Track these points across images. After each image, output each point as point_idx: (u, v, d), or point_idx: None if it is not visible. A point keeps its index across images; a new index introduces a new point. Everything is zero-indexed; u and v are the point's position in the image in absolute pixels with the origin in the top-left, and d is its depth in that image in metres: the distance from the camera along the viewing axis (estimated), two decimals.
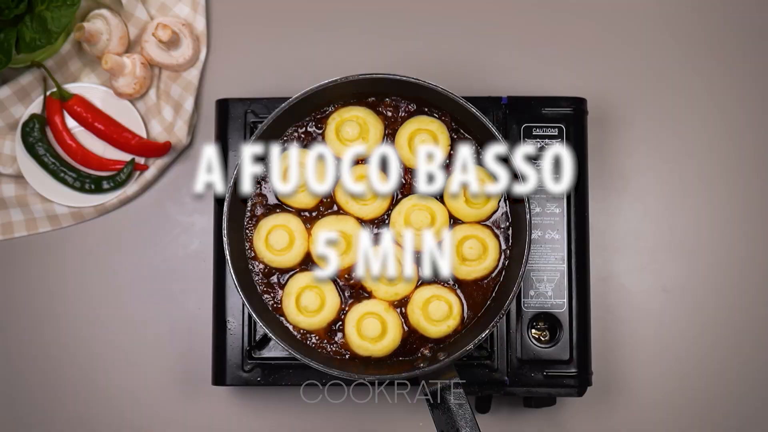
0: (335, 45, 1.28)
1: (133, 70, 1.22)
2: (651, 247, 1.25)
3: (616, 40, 1.28)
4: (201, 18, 1.27)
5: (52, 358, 1.24)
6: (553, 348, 1.11)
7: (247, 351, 1.11)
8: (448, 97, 1.04)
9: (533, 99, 1.14)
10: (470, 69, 1.27)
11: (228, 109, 1.15)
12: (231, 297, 1.13)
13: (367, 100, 1.10)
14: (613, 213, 1.25)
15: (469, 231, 1.07)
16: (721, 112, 1.27)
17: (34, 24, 1.19)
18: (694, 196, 1.26)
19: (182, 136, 1.25)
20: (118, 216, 1.26)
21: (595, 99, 1.22)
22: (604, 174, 1.25)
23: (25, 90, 1.24)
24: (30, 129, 1.23)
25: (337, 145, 1.09)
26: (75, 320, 1.25)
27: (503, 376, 1.11)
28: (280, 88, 1.23)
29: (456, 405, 1.00)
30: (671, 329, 1.24)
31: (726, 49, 1.28)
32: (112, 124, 1.24)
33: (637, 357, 1.23)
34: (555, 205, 1.13)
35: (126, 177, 1.23)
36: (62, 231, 1.26)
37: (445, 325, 1.06)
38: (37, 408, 1.24)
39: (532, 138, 1.14)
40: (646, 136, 1.26)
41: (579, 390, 1.11)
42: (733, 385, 1.23)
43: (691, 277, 1.24)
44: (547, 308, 1.12)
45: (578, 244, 1.13)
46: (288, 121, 1.09)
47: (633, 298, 1.24)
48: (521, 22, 1.28)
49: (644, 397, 1.23)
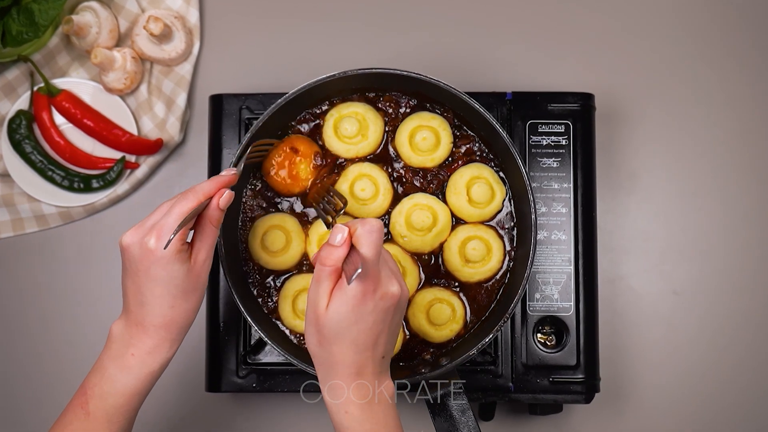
0: (334, 38, 1.28)
1: (123, 64, 1.22)
2: (661, 249, 1.25)
3: (625, 33, 1.28)
4: (194, 10, 1.27)
5: (41, 362, 1.24)
6: (560, 353, 1.11)
7: (242, 356, 1.12)
8: (450, 92, 1.04)
9: (539, 94, 1.14)
10: (473, 63, 1.27)
11: (222, 105, 1.15)
12: (225, 300, 1.13)
13: (367, 96, 1.10)
14: (622, 213, 1.25)
15: (472, 231, 1.07)
16: (735, 107, 1.27)
17: (20, 17, 1.19)
18: (705, 195, 1.26)
19: (174, 133, 1.24)
20: (108, 216, 1.26)
21: (603, 94, 1.22)
22: (613, 172, 1.25)
23: (12, 85, 1.24)
24: (16, 126, 1.23)
25: (336, 143, 1.09)
26: (64, 324, 1.25)
27: (508, 382, 1.11)
28: (277, 84, 1.23)
29: (459, 412, 1.00)
30: (682, 333, 1.24)
31: (739, 41, 1.28)
32: (102, 120, 1.24)
33: (646, 362, 1.23)
34: (561, 205, 1.13)
35: (116, 175, 1.23)
36: (50, 231, 1.26)
37: (448, 329, 1.06)
38: (23, 411, 1.23)
39: (537, 135, 1.13)
40: (656, 133, 1.26)
41: (586, 396, 1.11)
42: (746, 392, 1.23)
43: (703, 279, 1.24)
44: (553, 312, 1.11)
45: (585, 245, 1.12)
46: (284, 117, 1.08)
47: (642, 301, 1.24)
48: (526, 15, 1.28)
49: (654, 403, 1.22)
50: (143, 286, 0.90)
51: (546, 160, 1.13)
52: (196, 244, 0.92)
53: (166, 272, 0.89)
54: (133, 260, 0.90)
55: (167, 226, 0.88)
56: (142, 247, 0.89)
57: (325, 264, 0.86)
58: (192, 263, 0.91)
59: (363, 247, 0.84)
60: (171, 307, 0.91)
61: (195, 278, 0.92)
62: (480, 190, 1.06)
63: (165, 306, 0.91)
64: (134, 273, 0.90)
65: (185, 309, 0.92)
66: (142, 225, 0.90)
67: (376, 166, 1.08)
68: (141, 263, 0.89)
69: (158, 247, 0.88)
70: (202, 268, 0.92)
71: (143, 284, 0.90)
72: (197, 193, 0.91)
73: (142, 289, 0.90)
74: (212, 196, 0.91)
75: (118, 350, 0.93)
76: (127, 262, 0.91)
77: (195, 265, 0.91)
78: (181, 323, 0.93)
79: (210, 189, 0.91)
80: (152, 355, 0.92)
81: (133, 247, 0.89)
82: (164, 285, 0.90)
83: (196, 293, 0.93)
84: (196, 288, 0.92)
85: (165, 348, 0.93)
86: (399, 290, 0.87)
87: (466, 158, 1.09)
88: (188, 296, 0.92)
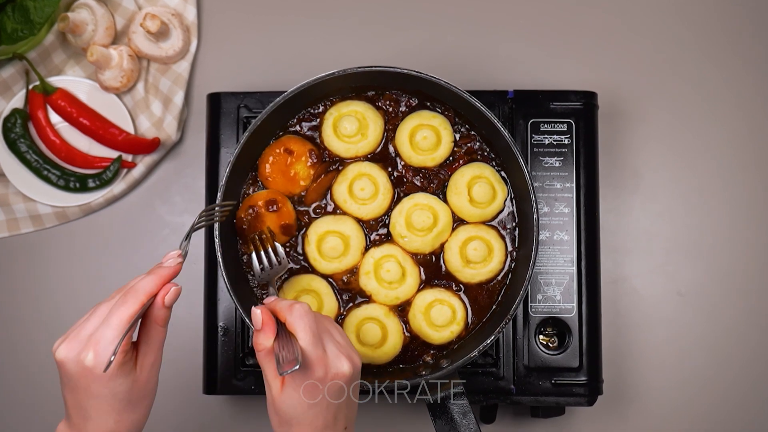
0: (333, 36, 1.27)
1: (120, 62, 1.22)
2: (665, 249, 1.24)
3: (629, 31, 1.28)
4: (191, 8, 1.26)
5: (37, 364, 1.23)
6: (562, 355, 1.10)
7: (240, 358, 1.11)
8: (451, 90, 1.04)
9: (541, 93, 1.14)
10: (474, 61, 1.26)
11: (220, 103, 1.15)
12: (223, 301, 1.12)
13: (367, 94, 1.10)
14: (625, 213, 1.24)
15: (473, 232, 1.07)
16: (739, 106, 1.26)
17: (15, 14, 1.19)
18: (710, 194, 1.25)
19: (172, 132, 1.23)
20: (105, 216, 1.26)
21: (606, 93, 1.22)
22: (616, 172, 1.25)
23: (7, 83, 1.23)
24: (12, 124, 1.22)
25: (335, 142, 1.09)
26: (60, 325, 1.20)
27: (509, 384, 1.10)
28: (275, 82, 1.23)
29: (460, 414, 1.00)
30: (686, 335, 1.23)
31: (744, 39, 1.27)
32: (98, 119, 1.23)
33: (649, 364, 1.22)
34: (564, 205, 1.12)
35: (112, 175, 1.23)
36: (46, 232, 1.25)
37: (449, 331, 1.06)
38: (19, 413, 1.23)
39: (539, 134, 1.13)
40: (660, 132, 1.26)
41: (589, 399, 1.11)
42: (751, 395, 1.22)
43: (708, 280, 1.24)
44: (555, 313, 1.11)
45: (588, 245, 1.12)
46: (283, 116, 1.08)
47: (645, 302, 1.23)
48: (528, 12, 1.28)
49: (657, 406, 1.22)
50: (84, 402, 0.82)
51: (548, 160, 1.13)
52: (141, 348, 0.84)
53: (108, 389, 0.81)
54: (69, 377, 0.81)
55: (105, 340, 0.79)
56: (79, 364, 0.80)
57: (258, 349, 0.83)
58: (138, 372, 0.83)
59: (298, 334, 0.81)
60: (117, 422, 0.83)
61: (142, 387, 0.84)
62: (481, 190, 1.06)
63: (111, 421, 0.83)
64: (73, 389, 0.82)
65: (132, 420, 0.84)
66: (77, 336, 0.81)
67: (375, 165, 1.08)
68: (79, 381, 0.81)
69: (96, 365, 0.79)
70: (150, 372, 0.84)
71: (83, 401, 0.82)
72: (138, 294, 0.81)
73: (84, 404, 0.82)
74: (155, 294, 0.82)
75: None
76: (64, 377, 0.82)
77: (142, 373, 0.83)
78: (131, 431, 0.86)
79: (152, 288, 0.82)
80: None
81: (69, 363, 0.80)
82: (107, 402, 0.82)
83: (145, 401, 0.85)
84: (145, 396, 0.84)
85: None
86: (350, 367, 0.83)
87: (467, 157, 1.09)
88: (135, 407, 0.84)
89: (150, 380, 0.84)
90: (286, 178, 1.07)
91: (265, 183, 1.08)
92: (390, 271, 1.05)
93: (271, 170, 1.07)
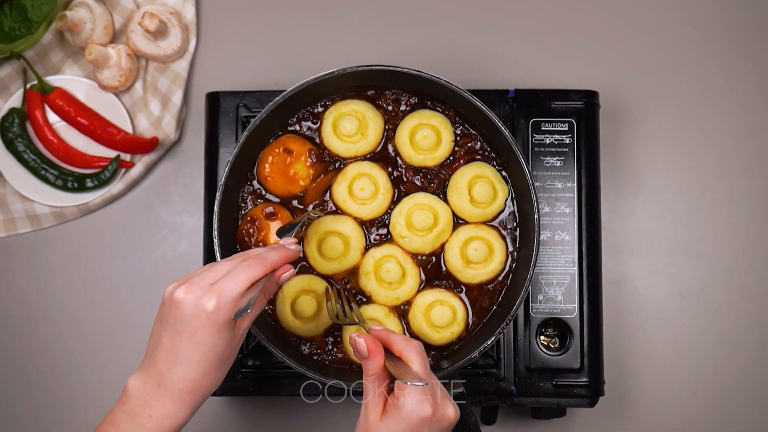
0: (333, 35, 1.27)
1: (118, 61, 1.21)
2: (667, 249, 1.24)
3: (630, 30, 1.27)
4: (190, 6, 1.26)
5: (35, 363, 1.23)
6: (563, 356, 1.10)
7: (239, 359, 1.10)
8: (451, 89, 1.04)
9: (542, 92, 1.14)
10: (475, 60, 1.26)
11: (219, 102, 1.15)
12: None
13: (367, 94, 1.10)
14: (627, 213, 1.24)
15: (474, 232, 1.07)
16: (742, 105, 1.26)
17: (13, 12, 1.19)
18: (712, 194, 1.25)
19: (170, 132, 1.23)
20: (103, 216, 1.25)
21: (608, 92, 1.22)
22: (617, 171, 1.24)
23: (4, 83, 1.23)
24: (9, 124, 1.22)
25: (335, 141, 1.08)
26: (57, 326, 1.24)
27: (510, 385, 1.10)
28: (274, 81, 1.23)
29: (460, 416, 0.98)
30: (688, 336, 1.23)
31: (746, 38, 1.27)
32: (96, 118, 1.23)
33: (651, 365, 1.22)
34: (565, 205, 1.12)
35: (111, 175, 1.22)
36: (43, 232, 1.25)
37: (449, 332, 1.06)
38: (17, 413, 1.23)
39: (540, 133, 1.13)
40: (662, 132, 1.26)
41: (590, 400, 1.11)
42: (753, 396, 1.22)
43: (710, 280, 1.24)
44: (556, 314, 1.11)
45: (589, 245, 1.12)
46: (282, 115, 1.08)
47: (647, 303, 1.23)
48: (529, 11, 1.28)
49: (659, 407, 1.22)
50: (181, 347, 0.84)
51: (549, 159, 1.13)
52: None
53: (213, 338, 0.84)
54: (180, 318, 0.84)
55: (229, 291, 0.83)
56: (197, 307, 0.83)
57: (368, 374, 0.86)
58: (235, 332, 0.87)
59: (414, 366, 0.84)
60: (204, 374, 0.86)
61: (234, 348, 0.87)
62: (482, 190, 1.06)
63: (199, 371, 0.85)
64: (176, 331, 0.84)
65: (216, 377, 0.87)
66: (199, 282, 0.84)
67: (375, 165, 1.08)
68: (189, 323, 0.83)
69: (217, 311, 0.82)
70: (242, 338, 0.88)
71: (182, 345, 0.84)
72: (266, 262, 0.86)
73: (179, 349, 0.84)
74: (277, 268, 0.88)
75: (134, 408, 0.87)
76: (171, 317, 0.84)
77: (237, 334, 0.87)
78: (206, 391, 0.87)
79: (278, 261, 0.88)
80: (170, 419, 0.86)
81: (186, 305, 0.83)
82: (205, 350, 0.84)
83: (229, 363, 0.88)
84: (231, 357, 0.88)
85: (185, 413, 0.87)
86: (454, 414, 0.85)
87: (468, 157, 1.09)
88: (223, 365, 0.87)
89: (238, 345, 0.88)
90: (286, 177, 1.07)
91: (265, 183, 1.08)
92: (390, 271, 1.05)
93: (271, 170, 1.07)
